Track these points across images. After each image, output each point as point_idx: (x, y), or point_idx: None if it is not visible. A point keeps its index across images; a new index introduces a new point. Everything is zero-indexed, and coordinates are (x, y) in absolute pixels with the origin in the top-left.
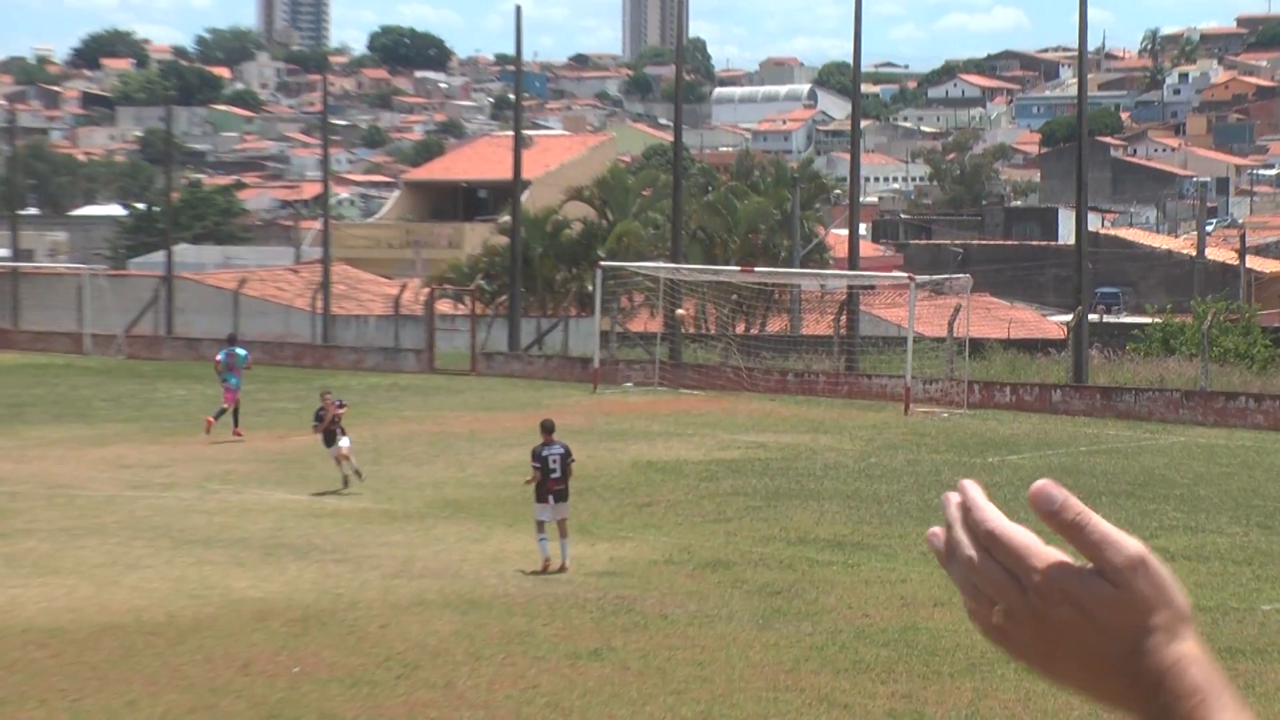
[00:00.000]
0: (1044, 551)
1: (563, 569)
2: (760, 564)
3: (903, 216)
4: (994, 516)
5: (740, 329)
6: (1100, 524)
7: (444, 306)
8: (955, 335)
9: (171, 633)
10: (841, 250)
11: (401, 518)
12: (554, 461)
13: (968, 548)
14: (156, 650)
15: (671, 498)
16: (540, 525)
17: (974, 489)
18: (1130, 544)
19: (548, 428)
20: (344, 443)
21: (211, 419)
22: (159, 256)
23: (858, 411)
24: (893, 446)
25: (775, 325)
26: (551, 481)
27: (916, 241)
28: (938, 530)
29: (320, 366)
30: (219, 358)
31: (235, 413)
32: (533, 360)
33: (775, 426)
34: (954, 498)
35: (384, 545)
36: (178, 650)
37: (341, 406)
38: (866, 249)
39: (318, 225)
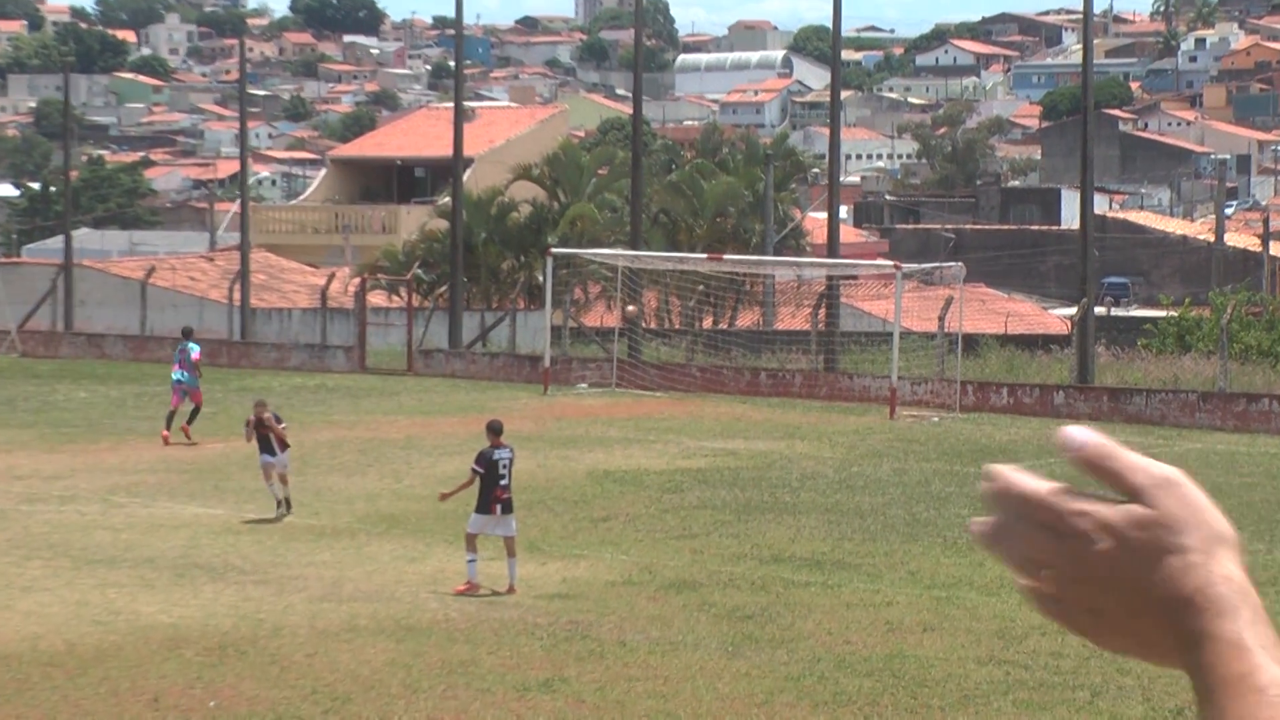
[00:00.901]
0: (1077, 496)
1: (510, 591)
2: (730, 585)
3: (888, 198)
4: (1023, 481)
5: (707, 323)
6: (1127, 454)
7: (377, 298)
8: (946, 330)
9: (72, 663)
10: (820, 236)
11: (330, 534)
12: (504, 467)
13: (1007, 520)
14: (55, 683)
15: (631, 511)
16: (472, 541)
17: (1005, 471)
18: (1160, 466)
19: (496, 429)
20: (283, 461)
21: (186, 426)
22: (56, 242)
23: (838, 415)
24: (877, 454)
25: (746, 319)
26: (500, 489)
27: (903, 226)
28: (978, 520)
29: (238, 366)
30: (177, 356)
31: (171, 416)
32: (476, 359)
33: (746, 432)
34: (988, 485)
35: (310, 565)
36: (79, 683)
37: (280, 423)
38: (848, 234)
39: (235, 207)
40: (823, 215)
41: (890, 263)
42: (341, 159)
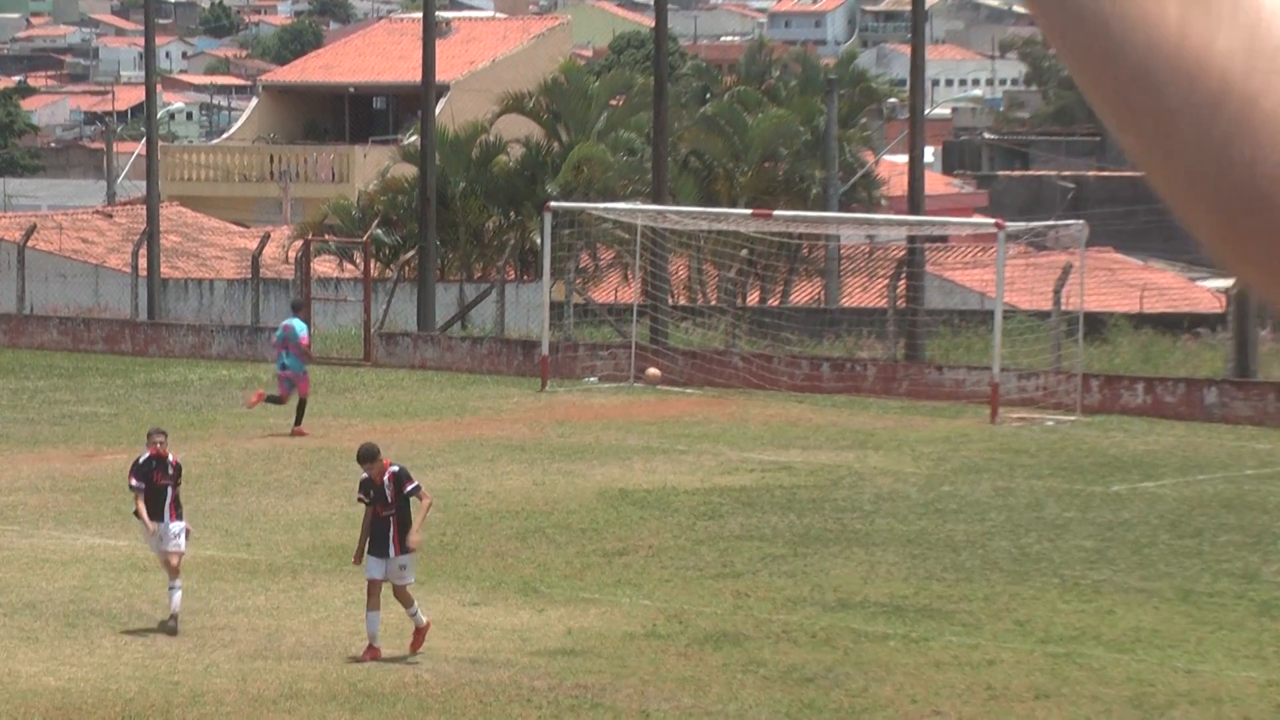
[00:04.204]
0: None
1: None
2: (784, 638)
3: (987, 137)
4: None
5: (753, 299)
6: None
7: (324, 266)
8: (1064, 308)
9: None
10: (899, 186)
11: (265, 572)
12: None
13: None
14: None
15: (655, 543)
16: (374, 589)
17: None
18: None
19: (372, 455)
20: (177, 535)
21: (259, 396)
22: None
23: (923, 418)
24: (974, 469)
25: (804, 294)
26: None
27: (1007, 172)
28: None
29: (145, 354)
30: (276, 335)
31: (296, 404)
32: (453, 344)
33: (805, 440)
34: None
35: (239, 611)
36: None
37: (175, 474)
38: (935, 183)
39: (139, 149)
40: (903, 159)
41: (990, 220)
42: (277, 86)
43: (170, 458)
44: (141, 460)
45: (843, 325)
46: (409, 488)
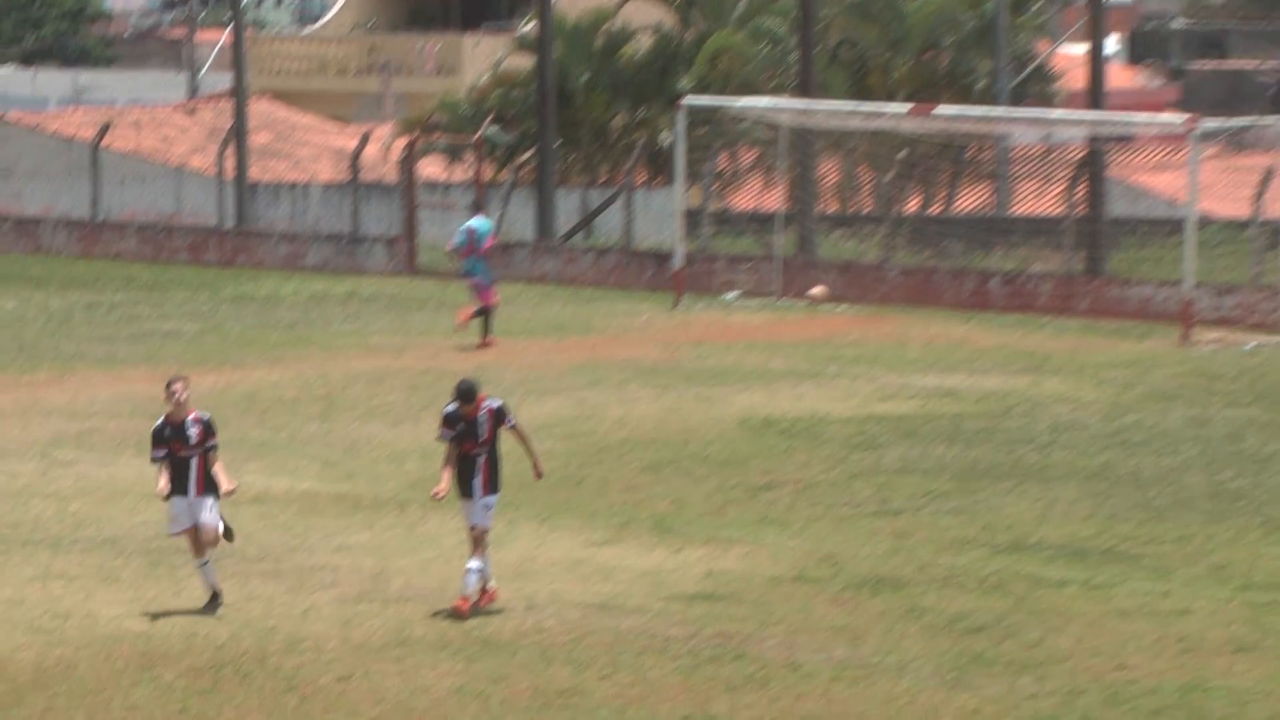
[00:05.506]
0: None
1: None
2: (950, 584)
3: (1178, 24)
4: None
5: (913, 206)
6: None
7: (431, 169)
8: (1265, 217)
9: (2, 688)
10: (1077, 79)
11: (369, 506)
12: None
13: None
14: None
15: (804, 476)
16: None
17: None
18: None
19: (468, 394)
20: (211, 509)
21: (468, 314)
22: None
23: (1105, 340)
24: (1163, 396)
25: (969, 200)
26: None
27: (1200, 65)
28: None
29: (233, 265)
30: (455, 241)
31: (485, 315)
32: (576, 255)
33: (971, 363)
34: None
35: (341, 550)
36: (12, 716)
37: (209, 438)
38: (1119, 76)
39: (225, 37)
40: (1082, 49)
41: (1182, 118)
42: None
43: (192, 416)
44: (157, 426)
45: (1014, 235)
46: (509, 421)
